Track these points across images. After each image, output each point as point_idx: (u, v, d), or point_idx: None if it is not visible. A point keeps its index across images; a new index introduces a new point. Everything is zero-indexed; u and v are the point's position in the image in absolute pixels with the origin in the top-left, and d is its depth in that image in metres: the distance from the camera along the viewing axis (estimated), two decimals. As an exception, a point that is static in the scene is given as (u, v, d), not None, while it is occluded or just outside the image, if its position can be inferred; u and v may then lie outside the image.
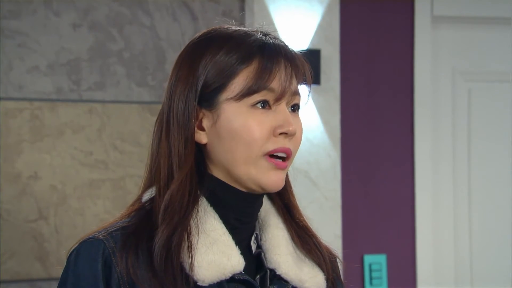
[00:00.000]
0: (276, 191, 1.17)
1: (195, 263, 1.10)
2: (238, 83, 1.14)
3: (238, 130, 1.13)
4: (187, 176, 1.14)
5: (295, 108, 1.18)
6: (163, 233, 1.10)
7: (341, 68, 3.02)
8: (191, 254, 1.11)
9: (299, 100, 1.19)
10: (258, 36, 1.18)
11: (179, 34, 2.93)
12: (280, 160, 1.15)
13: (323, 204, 2.93)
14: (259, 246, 1.21)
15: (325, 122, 2.96)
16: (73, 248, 1.15)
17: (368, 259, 3.08)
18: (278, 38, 1.20)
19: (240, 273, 1.14)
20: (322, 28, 2.96)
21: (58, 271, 2.75)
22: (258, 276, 1.18)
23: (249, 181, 1.14)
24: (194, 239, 1.12)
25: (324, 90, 2.96)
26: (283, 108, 1.16)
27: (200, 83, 1.15)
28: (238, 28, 1.19)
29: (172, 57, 2.91)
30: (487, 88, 3.27)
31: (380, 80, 3.13)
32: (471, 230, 3.24)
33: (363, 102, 3.11)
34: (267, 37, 1.19)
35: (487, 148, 3.25)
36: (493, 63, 3.28)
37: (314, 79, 2.88)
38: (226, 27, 1.20)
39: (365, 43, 3.11)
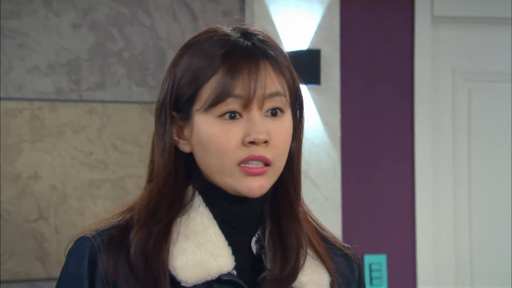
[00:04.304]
0: (256, 197, 1.13)
1: (178, 264, 1.11)
2: (205, 93, 1.11)
3: (206, 142, 1.11)
4: (164, 184, 1.14)
5: (275, 112, 1.12)
6: (137, 237, 1.12)
7: (341, 68, 3.02)
8: (171, 256, 1.11)
9: (278, 102, 1.12)
10: (232, 39, 1.13)
11: (179, 34, 2.93)
12: (258, 166, 1.11)
13: (323, 204, 2.93)
14: (263, 247, 1.20)
15: (325, 122, 2.96)
16: (69, 246, 1.18)
17: (368, 259, 3.08)
18: (258, 36, 1.14)
19: (228, 274, 1.13)
20: (322, 28, 2.96)
21: (58, 271, 2.74)
22: (260, 277, 1.17)
23: (228, 189, 1.13)
24: (179, 240, 1.13)
25: (324, 90, 2.96)
26: (253, 115, 1.10)
27: (174, 93, 1.14)
28: (216, 32, 1.15)
29: (172, 57, 2.90)
30: (487, 88, 3.27)
31: (380, 80, 3.13)
32: (471, 230, 3.24)
33: (363, 102, 3.11)
34: (243, 38, 1.13)
35: (487, 148, 3.25)
36: (493, 63, 3.28)
37: (314, 79, 2.88)
38: (211, 30, 1.16)
39: (365, 43, 3.11)
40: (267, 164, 1.12)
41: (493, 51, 3.27)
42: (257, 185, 1.12)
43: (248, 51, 1.12)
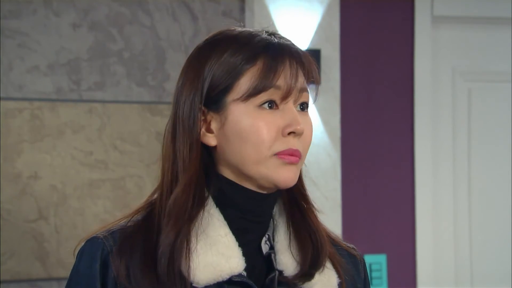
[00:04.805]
0: (289, 187, 1.16)
1: (192, 265, 1.11)
2: (244, 83, 1.13)
3: (246, 131, 1.13)
4: (192, 180, 1.14)
5: (304, 106, 1.17)
6: (168, 237, 1.11)
7: (341, 68, 3.02)
8: (188, 257, 1.11)
9: (307, 97, 1.18)
10: (263, 36, 1.17)
11: (179, 34, 2.93)
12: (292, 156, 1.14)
13: (323, 204, 2.93)
14: (272, 247, 1.20)
15: (325, 122, 2.96)
16: (81, 246, 1.17)
17: (368, 259, 3.08)
18: (283, 37, 1.20)
19: (239, 275, 1.13)
20: (322, 28, 2.96)
21: (58, 271, 2.75)
22: (268, 278, 1.17)
23: (262, 180, 1.14)
24: (193, 241, 1.12)
25: (324, 90, 2.96)
26: (290, 107, 1.15)
27: (206, 85, 1.15)
28: (243, 30, 1.19)
29: (172, 57, 2.91)
30: (487, 88, 3.27)
31: (380, 80, 3.13)
32: (471, 230, 3.24)
33: (363, 102, 3.11)
34: (272, 36, 1.18)
35: (487, 148, 3.25)
36: (493, 63, 3.28)
37: (314, 79, 2.88)
38: (232, 29, 1.20)
39: (365, 43, 3.11)
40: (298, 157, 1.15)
41: (493, 51, 3.27)
42: (293, 175, 1.15)
43: (283, 47, 1.16)
